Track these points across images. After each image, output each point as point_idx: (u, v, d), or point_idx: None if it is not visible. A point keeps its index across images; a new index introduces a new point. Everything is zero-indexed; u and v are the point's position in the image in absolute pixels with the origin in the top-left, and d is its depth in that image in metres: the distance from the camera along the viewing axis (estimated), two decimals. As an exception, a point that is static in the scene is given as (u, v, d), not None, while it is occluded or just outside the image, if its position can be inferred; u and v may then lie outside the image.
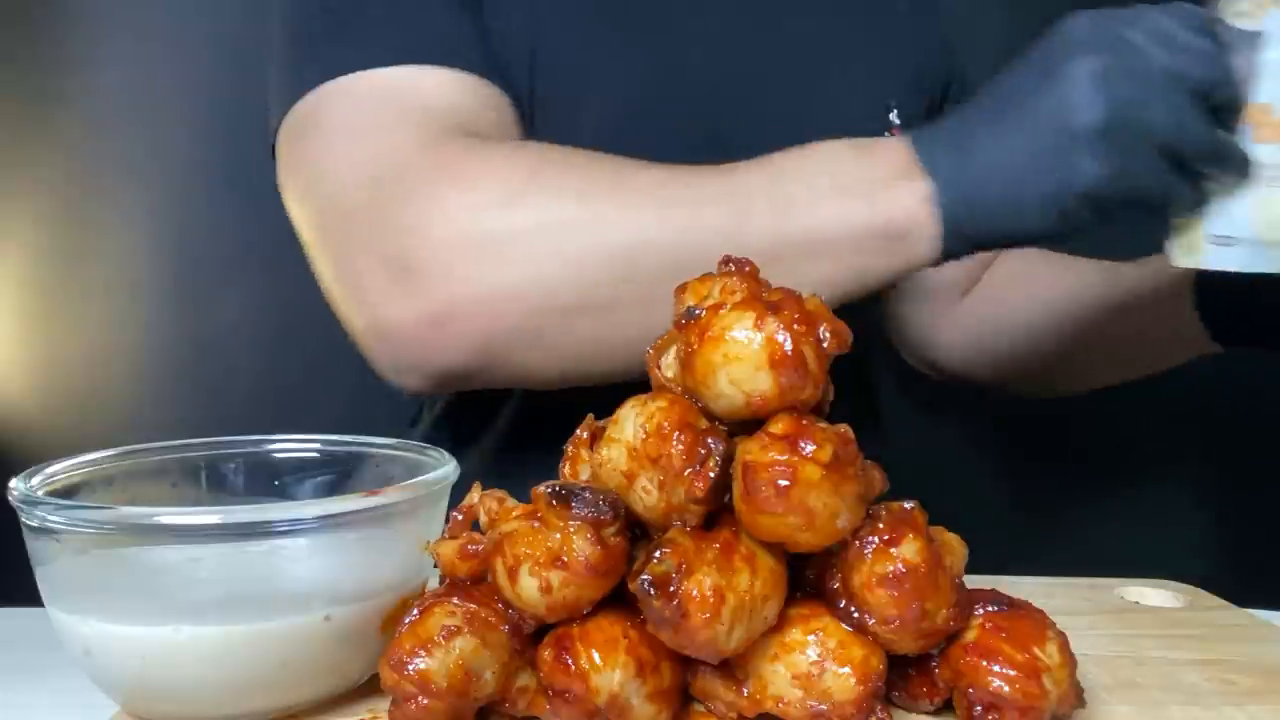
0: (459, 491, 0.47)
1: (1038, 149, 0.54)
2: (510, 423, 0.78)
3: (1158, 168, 0.53)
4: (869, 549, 0.40)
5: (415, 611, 0.41)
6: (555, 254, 0.56)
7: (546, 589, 0.39)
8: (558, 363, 0.59)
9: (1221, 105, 0.53)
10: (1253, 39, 0.55)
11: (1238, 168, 0.54)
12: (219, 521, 0.40)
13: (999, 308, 0.83)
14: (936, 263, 0.57)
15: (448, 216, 0.57)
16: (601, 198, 0.57)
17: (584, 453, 0.45)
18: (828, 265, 0.56)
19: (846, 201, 0.56)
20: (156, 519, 0.40)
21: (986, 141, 0.55)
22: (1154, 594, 0.60)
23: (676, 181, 0.58)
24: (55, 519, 0.41)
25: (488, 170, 0.59)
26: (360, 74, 0.63)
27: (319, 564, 0.43)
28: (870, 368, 0.88)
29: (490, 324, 0.57)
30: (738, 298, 0.41)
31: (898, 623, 0.40)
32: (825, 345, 0.40)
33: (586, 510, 0.39)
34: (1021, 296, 0.81)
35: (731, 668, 0.41)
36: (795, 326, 0.39)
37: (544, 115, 0.70)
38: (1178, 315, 0.66)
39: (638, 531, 0.42)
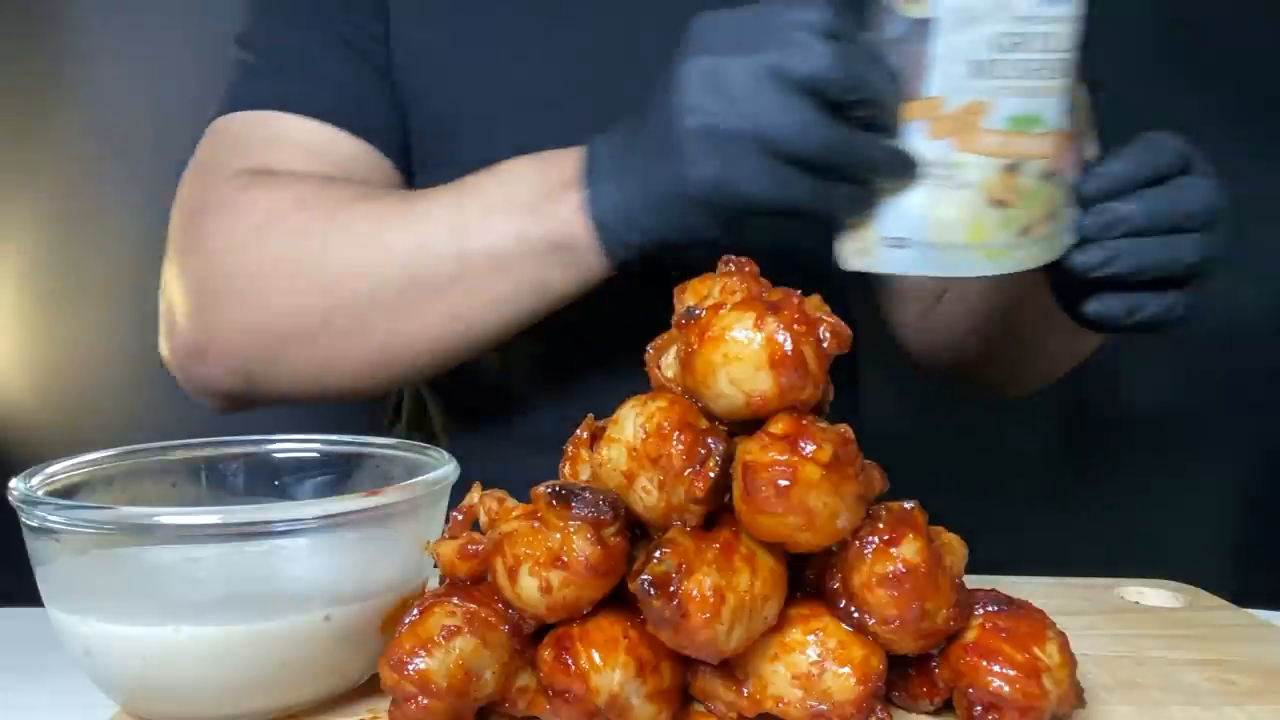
0: (459, 491, 0.47)
1: (661, 154, 0.53)
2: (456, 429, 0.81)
3: (770, 170, 0.50)
4: (869, 549, 0.40)
5: (415, 611, 0.41)
6: (279, 292, 0.61)
7: (546, 589, 0.39)
8: (304, 384, 0.64)
9: (854, 103, 0.50)
10: (923, 28, 0.52)
11: (889, 167, 0.51)
12: (219, 521, 0.40)
13: (957, 309, 0.82)
14: (618, 271, 0.57)
15: (202, 259, 0.64)
16: (316, 235, 0.61)
17: (584, 453, 0.45)
18: (509, 280, 0.58)
19: (517, 216, 0.57)
20: (156, 519, 0.40)
21: (631, 147, 0.55)
22: (1154, 594, 0.60)
23: (380, 212, 0.61)
24: (55, 519, 0.41)
25: (239, 214, 0.64)
26: (233, 115, 0.69)
27: (319, 564, 0.43)
28: (858, 366, 0.88)
29: (236, 356, 0.63)
30: (738, 298, 0.41)
31: (898, 623, 0.40)
32: (825, 345, 0.40)
33: (586, 510, 0.39)
34: (973, 298, 0.80)
35: (731, 668, 0.41)
36: (795, 326, 0.39)
37: (464, 131, 0.72)
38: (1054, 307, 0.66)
39: (638, 531, 0.42)
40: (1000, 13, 0.51)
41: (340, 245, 0.61)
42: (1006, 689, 0.40)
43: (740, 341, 0.39)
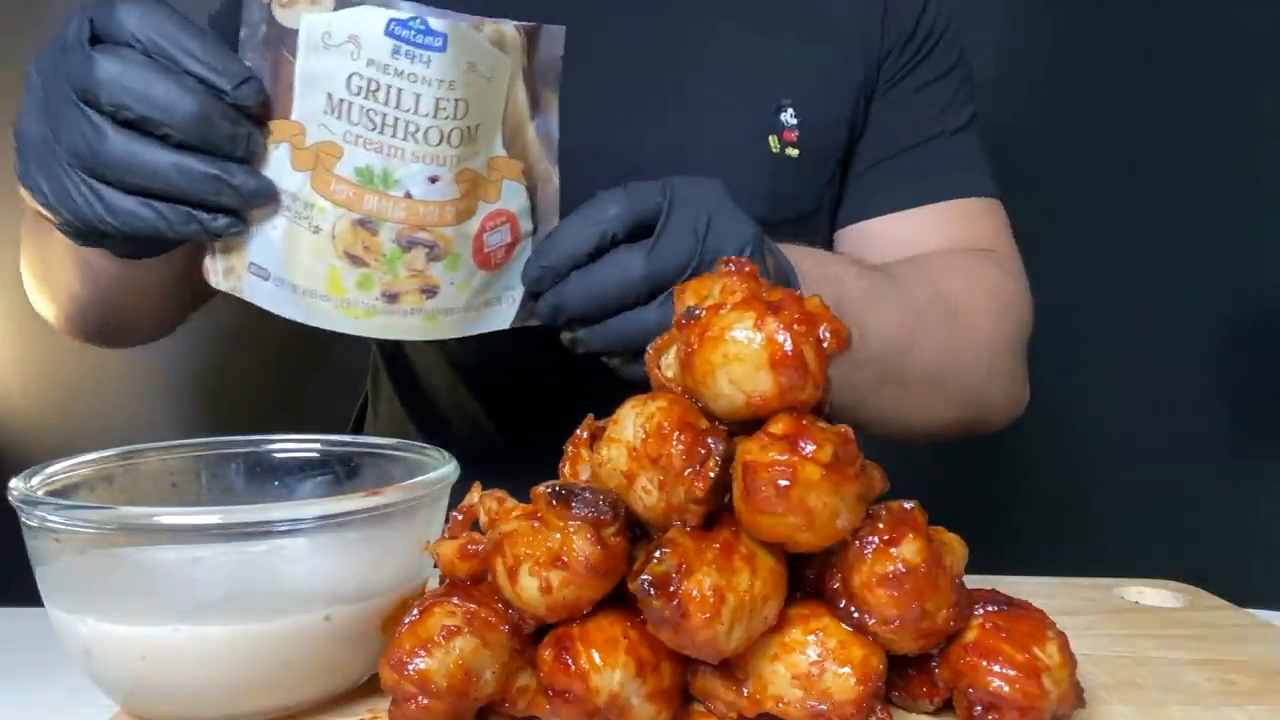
0: (459, 491, 0.47)
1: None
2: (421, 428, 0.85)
3: (83, 186, 0.47)
4: (869, 549, 0.40)
5: (415, 611, 0.41)
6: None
7: (546, 589, 0.39)
8: (62, 328, 0.74)
9: (140, 120, 0.46)
10: (292, 40, 0.47)
11: (211, 193, 0.47)
12: (219, 521, 0.40)
13: None
14: (138, 254, 0.55)
15: None
16: (28, 270, 0.72)
17: (584, 453, 0.45)
18: (70, 265, 0.63)
19: None
20: (156, 519, 0.40)
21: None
22: (1154, 594, 0.60)
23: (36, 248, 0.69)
24: (55, 519, 0.41)
25: None
26: None
27: (319, 564, 0.43)
28: None
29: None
30: (738, 298, 0.41)
31: (898, 623, 0.40)
32: (825, 345, 0.40)
33: (586, 510, 0.39)
34: None
35: (731, 668, 0.41)
36: (795, 326, 0.39)
37: None
38: None
39: (638, 531, 0.42)
40: (354, 49, 0.47)
41: (30, 280, 0.72)
42: (1006, 689, 0.40)
43: (740, 341, 0.39)
